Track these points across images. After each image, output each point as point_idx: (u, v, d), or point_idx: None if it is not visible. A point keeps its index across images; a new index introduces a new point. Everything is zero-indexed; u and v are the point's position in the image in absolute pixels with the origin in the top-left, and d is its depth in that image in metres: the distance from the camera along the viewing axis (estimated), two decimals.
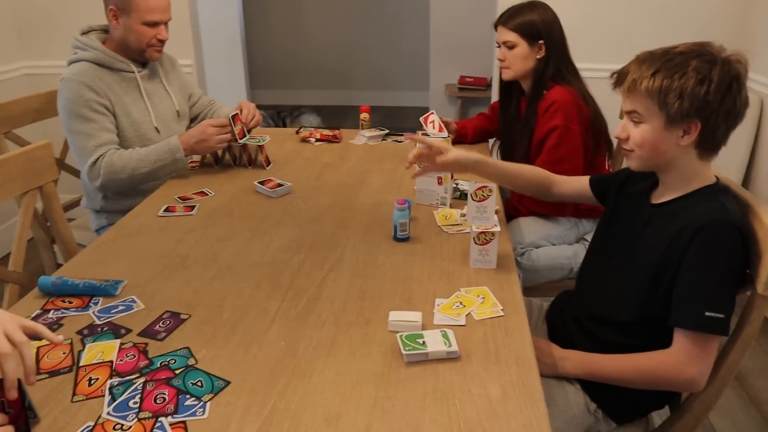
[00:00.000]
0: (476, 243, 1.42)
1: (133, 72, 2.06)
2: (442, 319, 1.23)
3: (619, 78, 1.27)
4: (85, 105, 1.92)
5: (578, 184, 1.58)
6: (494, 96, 3.15)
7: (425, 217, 1.72)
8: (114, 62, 2.02)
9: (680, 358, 1.20)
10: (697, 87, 1.16)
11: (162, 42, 2.05)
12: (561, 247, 2.04)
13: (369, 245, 1.55)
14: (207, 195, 1.87)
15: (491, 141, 2.43)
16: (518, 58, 1.98)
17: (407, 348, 1.11)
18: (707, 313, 1.16)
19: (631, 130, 1.26)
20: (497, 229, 1.41)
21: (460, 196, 1.84)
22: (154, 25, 1.99)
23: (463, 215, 1.71)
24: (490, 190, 1.42)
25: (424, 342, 1.12)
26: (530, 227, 2.05)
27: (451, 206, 1.78)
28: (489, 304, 1.29)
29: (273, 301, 1.30)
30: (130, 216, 1.73)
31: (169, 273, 1.42)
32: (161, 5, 2.00)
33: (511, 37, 1.98)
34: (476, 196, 1.42)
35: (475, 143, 2.34)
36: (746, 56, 1.22)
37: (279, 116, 5.11)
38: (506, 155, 2.19)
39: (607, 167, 2.08)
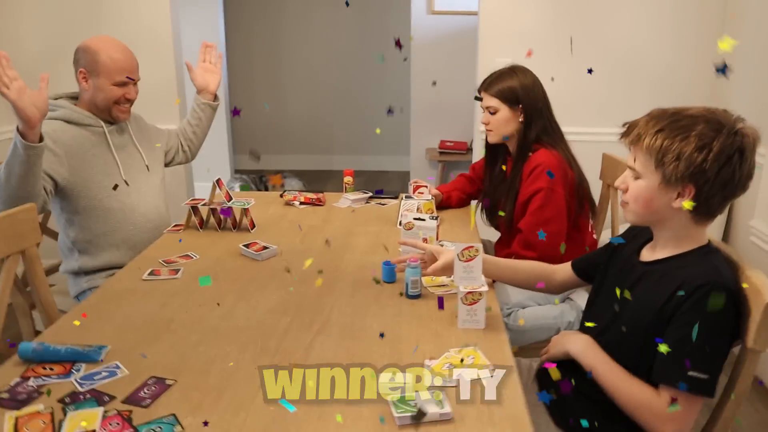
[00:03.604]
0: (464, 303, 1.42)
1: (102, 127, 2.08)
2: (433, 380, 1.22)
3: (627, 130, 1.29)
4: None
5: (567, 270, 1.62)
6: (475, 158, 3.22)
7: None
8: (82, 118, 2.04)
9: (662, 410, 1.20)
10: (695, 153, 1.17)
11: (130, 101, 2.09)
12: (547, 306, 2.05)
13: (356, 307, 1.54)
14: (192, 258, 1.86)
15: (473, 202, 2.47)
16: (500, 122, 2.04)
17: (399, 410, 1.09)
18: (691, 373, 1.16)
19: (630, 182, 1.29)
20: (485, 288, 1.42)
21: None
22: (123, 84, 2.04)
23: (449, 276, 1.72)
24: (477, 250, 1.43)
25: (416, 404, 1.11)
26: (515, 288, 2.06)
27: None
28: (479, 364, 1.28)
29: (260, 364, 1.28)
30: (114, 280, 1.71)
31: (154, 337, 1.39)
32: (130, 67, 2.06)
33: (493, 102, 2.04)
34: (463, 256, 1.43)
35: (459, 207, 2.37)
36: (759, 131, 1.22)
37: (261, 181, 5.15)
38: (491, 216, 2.22)
39: (590, 229, 2.12)
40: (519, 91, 2.03)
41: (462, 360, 1.28)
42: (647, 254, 1.36)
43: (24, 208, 1.66)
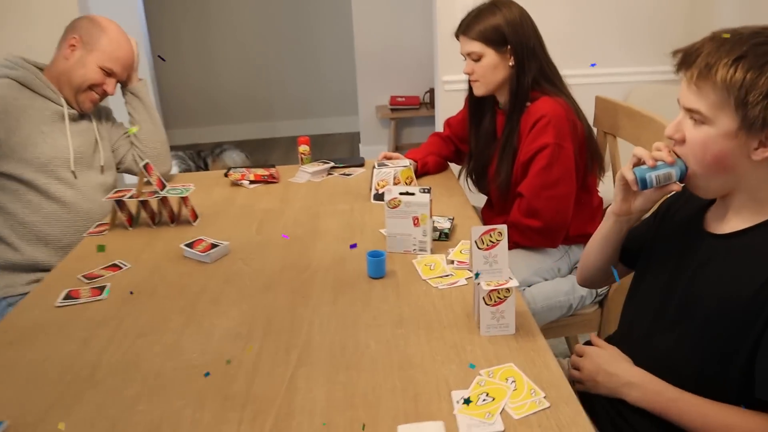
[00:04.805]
0: (487, 304, 1.09)
1: (62, 105, 1.82)
2: (470, 424, 0.89)
3: (686, 58, 0.94)
4: None
5: None
6: (439, 113, 2.87)
7: (403, 268, 1.38)
8: (43, 87, 1.79)
9: None
10: None
11: (103, 94, 1.89)
12: (556, 281, 1.75)
13: (342, 319, 1.19)
14: (122, 268, 1.45)
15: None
16: (487, 69, 1.69)
17: None
18: None
19: (689, 130, 0.96)
20: (514, 283, 1.09)
21: (440, 237, 1.51)
22: (108, 73, 1.86)
23: (451, 261, 1.38)
24: (500, 233, 1.09)
25: None
26: (518, 263, 1.74)
27: (432, 252, 1.44)
28: (525, 391, 0.95)
29: (228, 424, 0.92)
30: (17, 312, 1.29)
31: (73, 397, 1.00)
32: (126, 62, 1.90)
33: (475, 47, 1.69)
34: (482, 242, 1.09)
35: (438, 172, 2.02)
36: None
37: (199, 156, 4.67)
38: (480, 180, 1.88)
39: (598, 189, 1.82)
40: (504, 28, 1.67)
41: (501, 386, 0.95)
42: (716, 224, 1.05)
43: None
